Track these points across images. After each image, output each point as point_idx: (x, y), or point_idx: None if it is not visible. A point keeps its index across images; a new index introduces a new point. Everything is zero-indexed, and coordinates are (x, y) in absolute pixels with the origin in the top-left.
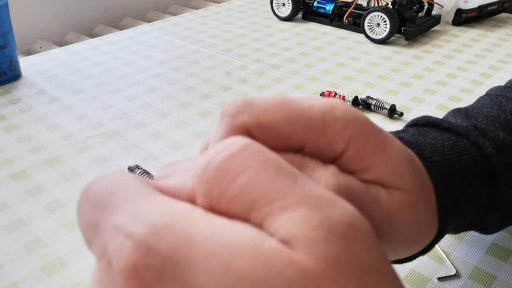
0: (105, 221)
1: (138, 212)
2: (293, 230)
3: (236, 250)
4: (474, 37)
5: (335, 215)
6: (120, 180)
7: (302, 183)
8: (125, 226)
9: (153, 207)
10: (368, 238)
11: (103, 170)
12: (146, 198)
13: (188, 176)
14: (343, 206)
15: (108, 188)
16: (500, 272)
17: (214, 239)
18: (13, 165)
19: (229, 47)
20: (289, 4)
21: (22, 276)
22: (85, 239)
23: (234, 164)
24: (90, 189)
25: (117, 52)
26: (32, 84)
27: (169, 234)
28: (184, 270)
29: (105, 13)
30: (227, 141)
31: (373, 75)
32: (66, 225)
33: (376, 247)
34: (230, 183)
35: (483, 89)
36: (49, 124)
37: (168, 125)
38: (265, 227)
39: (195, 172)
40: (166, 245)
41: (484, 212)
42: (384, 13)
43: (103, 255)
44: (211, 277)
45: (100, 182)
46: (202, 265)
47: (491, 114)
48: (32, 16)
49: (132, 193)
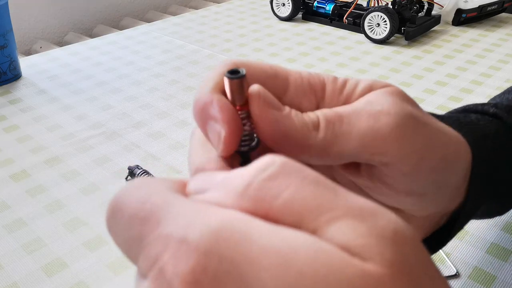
0: (152, 233)
1: (189, 219)
2: (344, 239)
3: (297, 246)
4: (474, 37)
5: (380, 222)
6: (155, 190)
7: (344, 196)
8: (178, 233)
9: (203, 212)
10: (416, 242)
11: (103, 170)
12: (191, 206)
13: (225, 193)
14: (386, 214)
15: (145, 200)
16: (500, 272)
17: (273, 236)
18: (13, 165)
19: (229, 47)
20: (289, 4)
21: (22, 276)
22: (128, 256)
23: (274, 184)
24: (122, 205)
25: (117, 52)
26: (32, 84)
27: (227, 234)
28: (243, 269)
29: (105, 13)
30: (263, 160)
31: (373, 75)
32: (66, 225)
33: (424, 250)
34: (273, 201)
35: (483, 89)
36: (49, 124)
37: (168, 125)
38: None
39: (235, 191)
40: (224, 245)
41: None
42: (384, 13)
43: (153, 267)
44: (272, 274)
45: (131, 196)
46: (262, 261)
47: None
48: (32, 16)
49: (173, 202)
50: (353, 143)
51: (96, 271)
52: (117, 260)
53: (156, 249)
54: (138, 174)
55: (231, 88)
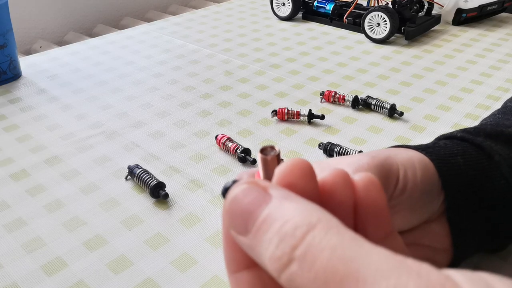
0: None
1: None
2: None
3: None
4: (474, 36)
5: (433, 281)
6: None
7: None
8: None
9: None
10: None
11: (103, 169)
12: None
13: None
14: (441, 274)
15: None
16: (500, 272)
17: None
18: (13, 164)
19: (229, 47)
20: (289, 3)
21: (22, 275)
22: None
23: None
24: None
25: (117, 51)
26: (32, 84)
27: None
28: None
29: (105, 13)
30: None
31: (373, 75)
32: (66, 225)
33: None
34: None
35: (483, 89)
36: (49, 124)
37: (168, 125)
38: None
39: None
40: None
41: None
42: (384, 12)
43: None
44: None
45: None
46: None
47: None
48: (32, 16)
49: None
50: None
51: (96, 271)
52: (117, 259)
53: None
54: (138, 173)
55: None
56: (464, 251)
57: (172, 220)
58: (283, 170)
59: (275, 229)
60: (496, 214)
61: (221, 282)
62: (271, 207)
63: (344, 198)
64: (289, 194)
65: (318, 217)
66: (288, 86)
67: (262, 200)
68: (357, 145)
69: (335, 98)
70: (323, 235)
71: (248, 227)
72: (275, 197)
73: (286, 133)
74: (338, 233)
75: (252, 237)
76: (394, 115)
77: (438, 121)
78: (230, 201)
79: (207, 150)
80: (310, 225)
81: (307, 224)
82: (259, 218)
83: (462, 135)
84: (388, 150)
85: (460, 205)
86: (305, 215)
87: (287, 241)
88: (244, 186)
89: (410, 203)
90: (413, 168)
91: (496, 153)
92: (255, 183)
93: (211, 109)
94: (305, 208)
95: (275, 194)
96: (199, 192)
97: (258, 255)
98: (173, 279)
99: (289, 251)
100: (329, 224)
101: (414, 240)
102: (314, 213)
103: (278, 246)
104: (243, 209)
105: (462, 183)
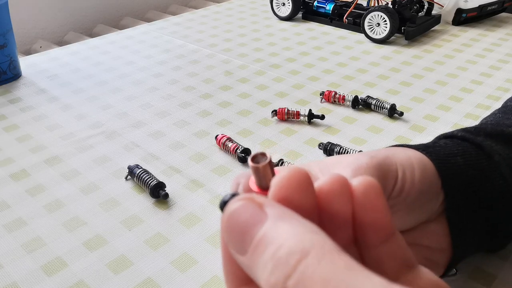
0: None
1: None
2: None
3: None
4: (474, 36)
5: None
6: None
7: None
8: None
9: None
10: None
11: (103, 169)
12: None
13: None
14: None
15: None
16: (500, 272)
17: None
18: (13, 164)
19: (229, 47)
20: (289, 3)
21: (22, 275)
22: None
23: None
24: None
25: (117, 51)
26: (32, 84)
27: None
28: None
29: (105, 13)
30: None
31: (373, 75)
32: (66, 225)
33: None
34: None
35: (483, 89)
36: (49, 124)
37: (168, 125)
38: None
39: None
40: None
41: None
42: (384, 12)
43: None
44: None
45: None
46: None
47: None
48: (32, 16)
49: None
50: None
51: (96, 271)
52: (117, 259)
53: None
54: (138, 173)
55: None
56: (463, 251)
57: (172, 220)
58: (280, 182)
59: (270, 254)
60: (495, 214)
61: (221, 282)
62: (266, 227)
63: (342, 205)
64: (284, 213)
65: (312, 242)
66: (288, 86)
67: (258, 219)
68: (357, 145)
69: (335, 98)
70: (316, 264)
71: (245, 247)
72: (271, 216)
73: (286, 133)
74: (332, 262)
75: (249, 257)
76: (394, 115)
77: (438, 121)
78: (227, 218)
79: (207, 150)
80: (303, 252)
81: (300, 250)
82: (255, 238)
83: (462, 134)
84: (387, 149)
85: (460, 205)
86: (299, 239)
87: (281, 269)
88: (240, 203)
89: (408, 203)
90: (412, 168)
91: (496, 153)
92: (251, 200)
93: (211, 109)
94: (300, 230)
95: (271, 213)
96: (199, 192)
97: (255, 275)
98: (173, 279)
99: (282, 280)
100: (323, 250)
101: (413, 240)
102: (308, 236)
103: (273, 273)
104: (240, 227)
105: (462, 183)
